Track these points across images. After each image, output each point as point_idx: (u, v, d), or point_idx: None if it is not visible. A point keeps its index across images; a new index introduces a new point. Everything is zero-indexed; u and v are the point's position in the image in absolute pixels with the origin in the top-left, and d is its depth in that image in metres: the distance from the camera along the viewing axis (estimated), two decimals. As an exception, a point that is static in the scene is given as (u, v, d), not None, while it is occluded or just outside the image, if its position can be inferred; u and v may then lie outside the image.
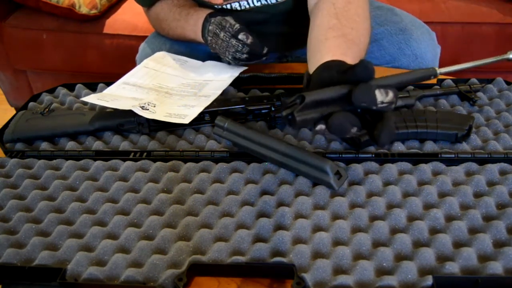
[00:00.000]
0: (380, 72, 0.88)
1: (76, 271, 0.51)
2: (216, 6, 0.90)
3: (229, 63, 0.84)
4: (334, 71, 0.56)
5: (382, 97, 0.51)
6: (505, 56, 0.59)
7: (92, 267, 0.50)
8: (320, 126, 0.54)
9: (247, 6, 0.91)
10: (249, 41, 0.78)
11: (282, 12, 0.94)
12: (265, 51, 0.79)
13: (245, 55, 0.79)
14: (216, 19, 0.81)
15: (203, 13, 0.85)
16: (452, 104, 0.75)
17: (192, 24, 0.87)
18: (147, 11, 0.98)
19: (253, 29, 0.81)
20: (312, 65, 0.62)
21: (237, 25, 0.78)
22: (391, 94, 0.51)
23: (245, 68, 0.83)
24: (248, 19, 0.85)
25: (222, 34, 0.79)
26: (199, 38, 0.86)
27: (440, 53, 0.99)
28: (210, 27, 0.82)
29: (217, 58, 0.86)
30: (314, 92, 0.53)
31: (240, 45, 0.78)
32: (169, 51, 0.95)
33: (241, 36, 0.78)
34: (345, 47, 0.65)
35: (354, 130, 0.52)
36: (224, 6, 0.90)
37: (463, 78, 0.80)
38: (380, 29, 0.95)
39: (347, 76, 0.54)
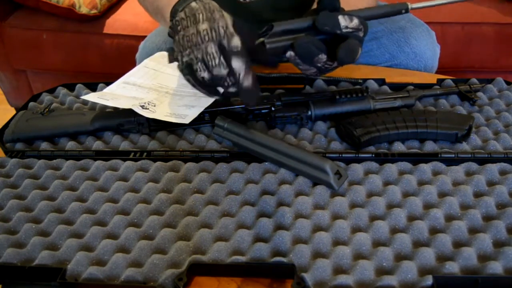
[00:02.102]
0: (379, 71, 0.90)
1: (76, 271, 0.51)
2: None
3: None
4: (312, 11, 0.59)
5: (346, 22, 0.54)
6: None
7: (92, 267, 0.50)
8: (290, 53, 0.57)
9: None
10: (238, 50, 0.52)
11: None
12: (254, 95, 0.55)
13: (207, 74, 0.54)
14: (211, 2, 0.56)
15: None
16: (452, 104, 0.75)
17: None
18: None
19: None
20: None
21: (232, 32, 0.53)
22: (356, 20, 0.54)
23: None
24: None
25: (204, 26, 0.53)
26: (167, 10, 0.60)
27: (439, 52, 0.99)
28: (194, 4, 0.55)
29: None
30: (283, 22, 0.56)
31: (217, 58, 0.52)
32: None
33: (234, 42, 0.52)
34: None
35: (322, 56, 0.55)
36: None
37: (463, 78, 0.80)
38: (380, 27, 0.95)
39: (317, 9, 0.57)
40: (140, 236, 0.54)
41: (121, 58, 1.53)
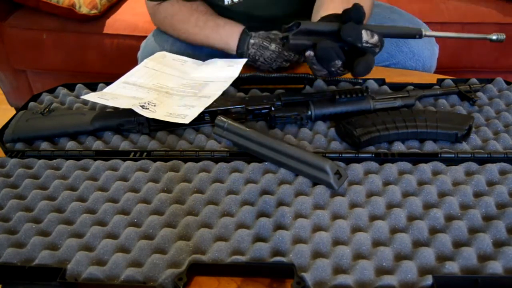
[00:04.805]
0: (378, 71, 0.89)
1: (76, 270, 0.51)
2: (226, 3, 0.91)
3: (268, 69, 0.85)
4: (332, 16, 0.63)
5: (367, 37, 0.58)
6: (488, 36, 0.65)
7: (92, 267, 0.50)
8: (309, 52, 0.61)
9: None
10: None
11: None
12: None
13: (287, 63, 0.81)
14: (261, 33, 0.83)
15: (237, 27, 0.86)
16: (452, 104, 0.75)
17: (224, 36, 0.87)
18: (155, 7, 0.95)
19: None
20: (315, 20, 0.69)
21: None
22: (376, 37, 0.58)
23: (244, 60, 0.82)
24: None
25: (273, 46, 0.81)
26: (232, 49, 0.86)
27: (438, 52, 0.99)
28: (253, 41, 0.82)
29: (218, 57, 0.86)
30: (309, 22, 0.60)
31: (287, 56, 0.80)
32: (170, 49, 0.94)
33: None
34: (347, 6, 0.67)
35: (338, 62, 0.59)
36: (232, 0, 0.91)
37: (463, 78, 0.80)
38: None
39: (341, 16, 0.60)
40: (140, 236, 0.54)
41: (121, 58, 1.53)
